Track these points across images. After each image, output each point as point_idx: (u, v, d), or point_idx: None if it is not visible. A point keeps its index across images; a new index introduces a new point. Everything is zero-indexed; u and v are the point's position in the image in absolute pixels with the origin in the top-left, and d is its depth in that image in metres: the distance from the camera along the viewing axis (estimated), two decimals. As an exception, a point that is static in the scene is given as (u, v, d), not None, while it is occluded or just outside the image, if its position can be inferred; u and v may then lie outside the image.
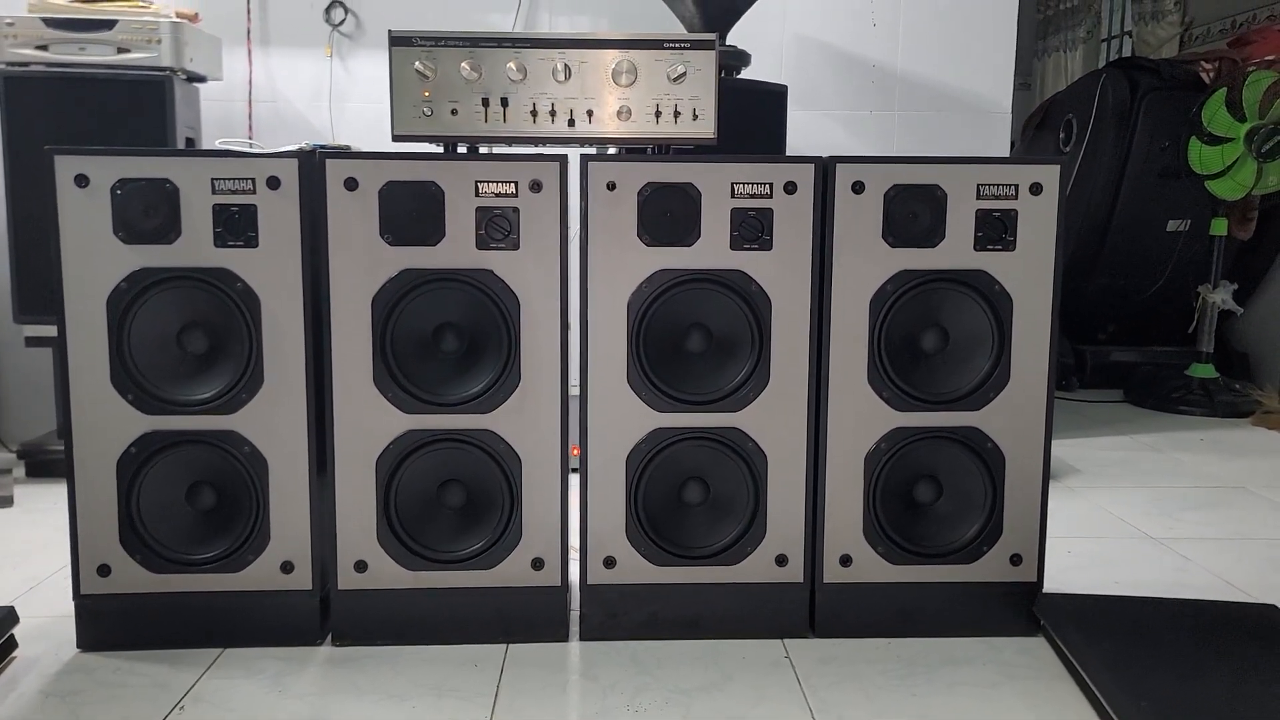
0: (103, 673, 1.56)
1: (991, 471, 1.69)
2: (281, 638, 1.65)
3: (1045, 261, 1.65)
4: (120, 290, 1.57)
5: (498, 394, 1.62)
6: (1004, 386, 1.67)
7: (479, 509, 1.66)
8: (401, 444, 1.62)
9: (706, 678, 1.56)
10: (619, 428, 1.65)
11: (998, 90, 3.17)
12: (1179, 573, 2.05)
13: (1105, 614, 1.66)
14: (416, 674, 1.56)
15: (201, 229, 1.57)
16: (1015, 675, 1.58)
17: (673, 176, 1.60)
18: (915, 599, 1.70)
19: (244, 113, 3.03)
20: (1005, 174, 1.64)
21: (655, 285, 1.62)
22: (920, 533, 1.70)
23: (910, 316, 1.66)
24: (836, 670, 1.59)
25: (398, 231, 1.58)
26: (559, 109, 1.62)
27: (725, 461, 1.67)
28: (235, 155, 1.59)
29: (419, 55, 1.59)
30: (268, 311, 1.59)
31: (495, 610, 1.66)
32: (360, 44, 3.05)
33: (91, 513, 1.61)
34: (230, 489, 1.63)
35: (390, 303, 1.59)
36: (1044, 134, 4.33)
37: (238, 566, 1.63)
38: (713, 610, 1.69)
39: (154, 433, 1.60)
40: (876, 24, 3.12)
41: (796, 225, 1.63)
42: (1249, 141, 3.52)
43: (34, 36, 2.49)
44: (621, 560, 1.67)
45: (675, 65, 1.61)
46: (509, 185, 1.59)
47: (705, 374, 1.66)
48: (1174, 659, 1.49)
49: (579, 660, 1.62)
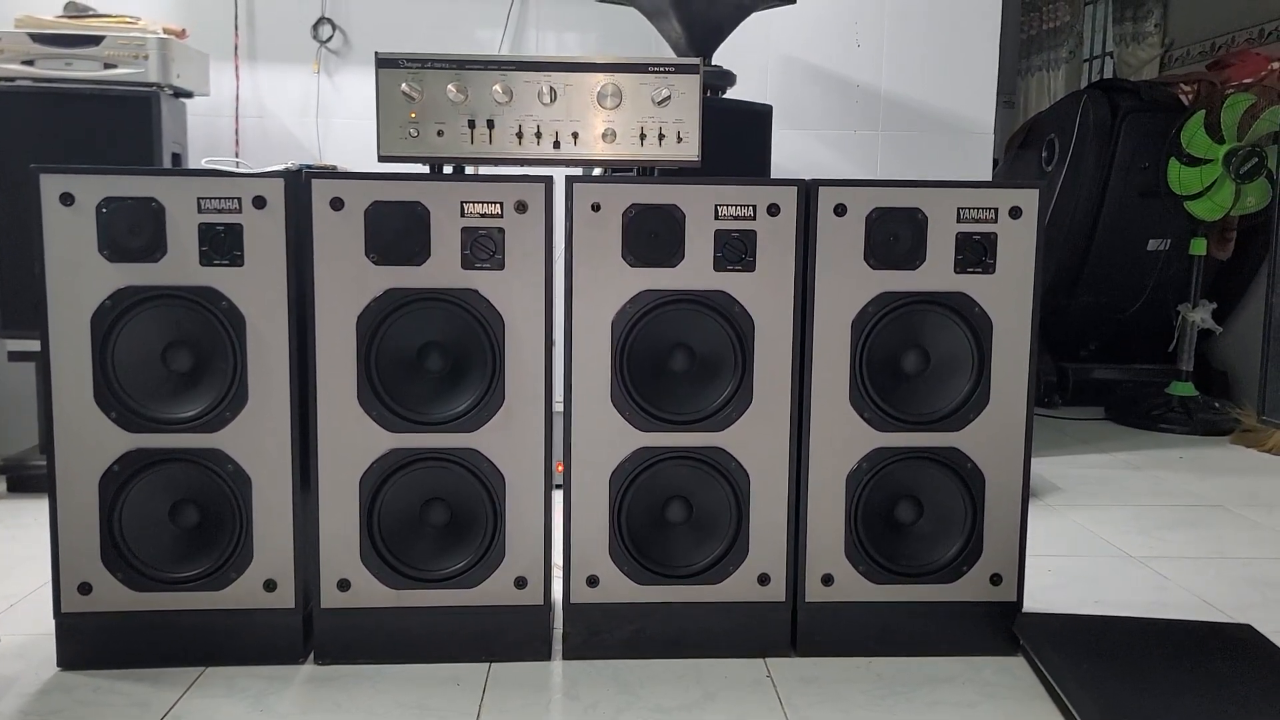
0: (83, 692, 1.55)
1: (971, 491, 1.70)
2: (264, 656, 1.65)
3: (1025, 284, 1.67)
4: (105, 308, 1.57)
5: (482, 413, 1.63)
6: (984, 407, 1.69)
7: (462, 528, 1.66)
8: (385, 463, 1.62)
9: (689, 697, 1.57)
10: (602, 447, 1.66)
11: (980, 110, 3.21)
12: (1158, 591, 2.07)
13: (1084, 634, 1.67)
14: (399, 693, 1.56)
15: (187, 248, 1.58)
16: (994, 695, 1.59)
17: (657, 198, 1.62)
18: (896, 618, 1.71)
19: (231, 129, 3.03)
20: (985, 198, 1.66)
21: (639, 305, 1.63)
22: (901, 552, 1.72)
23: (891, 338, 1.68)
24: (818, 690, 1.59)
25: (383, 251, 1.59)
26: (544, 131, 1.64)
27: (708, 481, 1.68)
28: (221, 175, 1.59)
29: (406, 77, 1.60)
30: (252, 330, 1.60)
31: (478, 629, 1.67)
32: (348, 60, 3.06)
33: (73, 530, 1.60)
34: (213, 507, 1.63)
35: (375, 322, 1.60)
36: (1026, 153, 4.37)
37: (220, 585, 1.63)
38: (695, 629, 1.70)
39: (137, 450, 1.60)
40: (861, 44, 3.15)
41: (779, 247, 1.64)
42: (1227, 163, 3.57)
43: (20, 52, 2.49)
44: (604, 579, 1.68)
45: (660, 89, 1.63)
46: (494, 206, 1.60)
47: (688, 394, 1.67)
48: (1152, 679, 1.51)
49: (561, 679, 1.62)
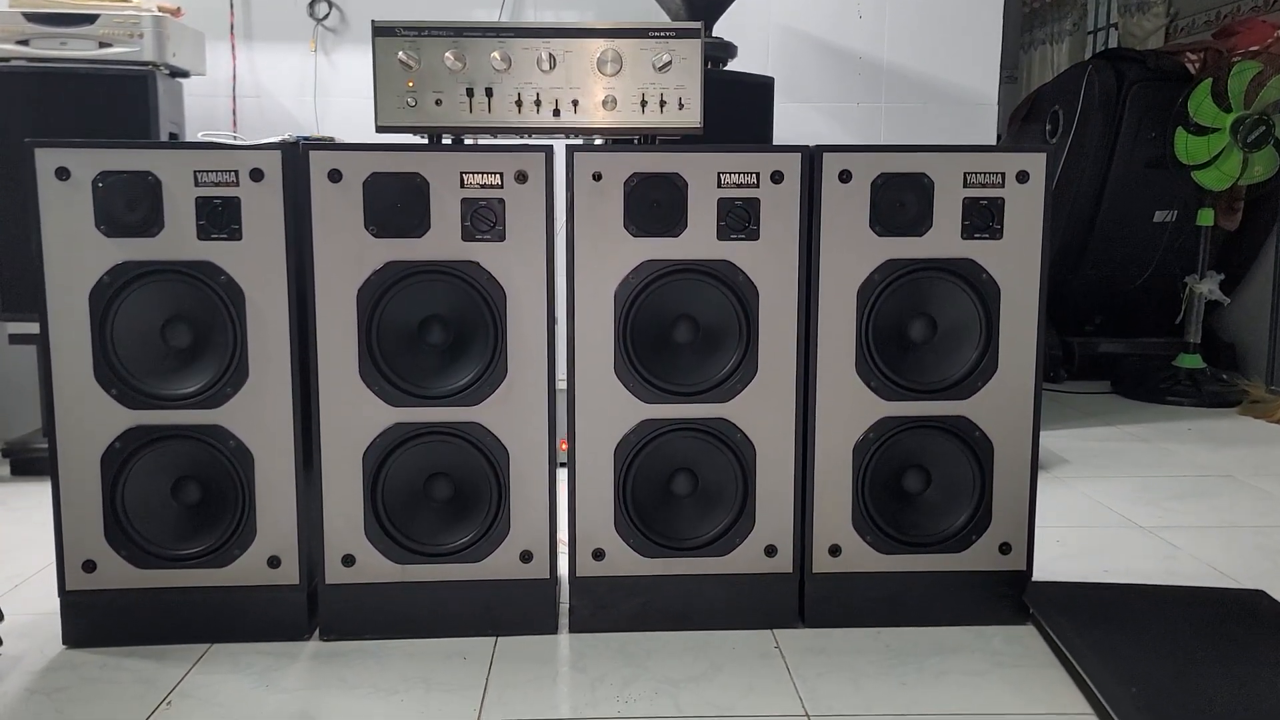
0: (89, 669, 1.55)
1: (980, 460, 1.69)
2: (269, 633, 1.64)
3: (1032, 249, 1.65)
4: (103, 284, 1.56)
5: (484, 386, 1.61)
6: (992, 375, 1.67)
7: (467, 502, 1.65)
8: (388, 437, 1.61)
9: (696, 669, 1.56)
10: (607, 419, 1.64)
11: (984, 82, 3.17)
12: (1167, 560, 2.06)
13: (1094, 602, 1.66)
14: (405, 668, 1.55)
15: (184, 222, 1.56)
16: (1004, 663, 1.58)
17: (659, 166, 1.60)
18: (904, 588, 1.70)
19: (228, 108, 3.01)
20: (992, 162, 1.63)
21: (642, 276, 1.62)
22: (909, 522, 1.70)
23: (898, 306, 1.66)
24: (826, 660, 1.58)
25: (382, 223, 1.57)
26: (544, 99, 1.61)
27: (714, 452, 1.67)
28: (218, 147, 1.58)
29: (402, 45, 1.58)
30: (252, 305, 1.58)
31: (484, 603, 1.66)
32: (344, 38, 3.03)
33: (76, 508, 1.59)
34: (216, 484, 1.62)
35: (375, 295, 1.59)
36: (1030, 126, 4.33)
37: (224, 561, 1.62)
38: (702, 601, 1.69)
39: (138, 428, 1.59)
40: (862, 15, 3.12)
41: (783, 215, 1.62)
42: (1234, 132, 3.53)
43: (15, 31, 2.47)
44: (610, 552, 1.67)
45: (660, 54, 1.60)
46: (494, 176, 1.58)
47: (693, 365, 1.65)
48: (1163, 645, 1.50)
49: (568, 652, 1.61)
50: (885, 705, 1.45)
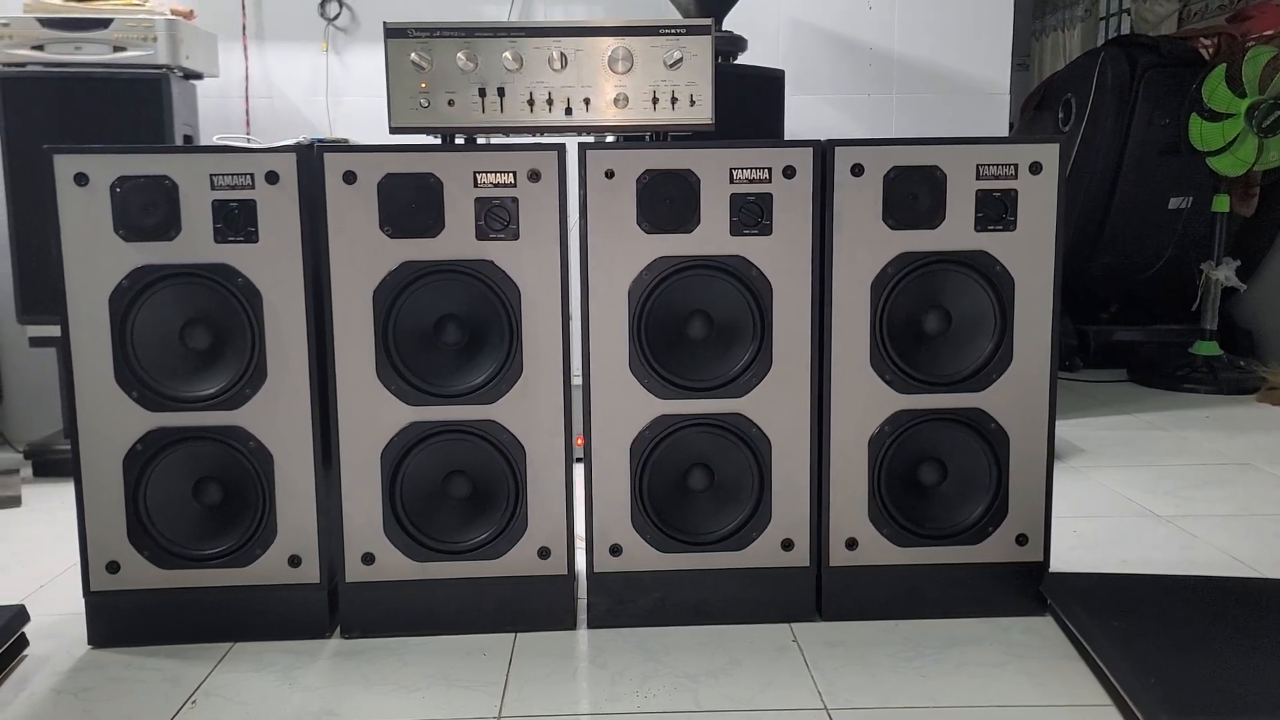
0: (114, 669, 1.57)
1: (996, 452, 1.69)
2: (290, 631, 1.66)
3: (1046, 240, 1.65)
4: (122, 288, 1.57)
5: (500, 384, 1.62)
6: (1007, 366, 1.67)
7: (484, 499, 1.66)
8: (406, 436, 1.62)
9: (715, 663, 1.56)
10: (622, 415, 1.65)
11: (996, 71, 3.16)
12: (1186, 550, 2.05)
13: (1112, 592, 1.66)
14: (425, 664, 1.57)
15: (201, 225, 1.58)
16: (1023, 655, 1.58)
17: (671, 163, 1.60)
18: (921, 580, 1.70)
19: (241, 109, 3.02)
20: (1004, 154, 1.63)
21: (655, 272, 1.62)
22: (925, 514, 1.71)
23: (912, 298, 1.66)
24: (844, 653, 1.59)
25: (397, 224, 1.58)
26: (556, 98, 1.62)
27: (729, 447, 1.67)
28: (233, 151, 1.59)
29: (415, 46, 1.59)
30: (269, 306, 1.59)
31: (502, 600, 1.67)
32: (356, 38, 3.04)
33: (99, 510, 1.61)
34: (236, 484, 1.64)
35: (391, 295, 1.60)
36: (1043, 114, 4.31)
37: (245, 561, 1.64)
38: (719, 596, 1.69)
39: (159, 429, 1.60)
40: (872, 6, 3.11)
41: (796, 209, 1.62)
42: (1249, 117, 3.51)
43: (30, 37, 2.49)
44: (627, 548, 1.68)
45: (671, 51, 1.61)
46: (507, 175, 1.59)
47: (707, 360, 1.66)
48: (1183, 636, 1.49)
49: (587, 648, 1.62)
50: (903, 698, 1.45)
